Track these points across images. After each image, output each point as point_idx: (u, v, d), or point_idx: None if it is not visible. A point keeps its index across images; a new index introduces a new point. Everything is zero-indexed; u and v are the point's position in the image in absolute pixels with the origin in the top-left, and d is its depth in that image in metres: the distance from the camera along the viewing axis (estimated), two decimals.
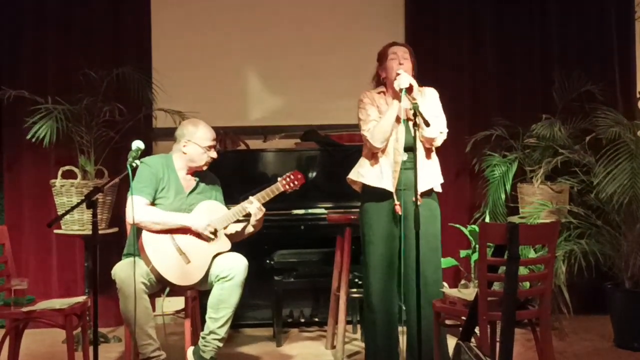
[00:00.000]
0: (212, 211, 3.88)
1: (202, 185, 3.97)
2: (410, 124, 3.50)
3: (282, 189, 3.95)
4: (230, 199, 4.04)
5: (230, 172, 4.94)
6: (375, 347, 3.82)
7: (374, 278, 3.78)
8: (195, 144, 3.88)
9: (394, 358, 3.81)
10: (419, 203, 3.53)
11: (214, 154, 3.93)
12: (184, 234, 3.82)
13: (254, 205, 3.88)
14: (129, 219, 3.75)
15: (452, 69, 5.36)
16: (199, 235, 3.82)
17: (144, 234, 3.77)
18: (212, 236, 3.82)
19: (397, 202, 3.68)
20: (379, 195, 3.74)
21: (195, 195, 3.93)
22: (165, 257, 3.76)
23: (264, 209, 3.91)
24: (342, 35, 5.49)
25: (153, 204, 3.83)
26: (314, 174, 5.09)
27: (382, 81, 3.86)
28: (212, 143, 3.92)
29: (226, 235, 3.91)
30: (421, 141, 3.72)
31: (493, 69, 5.42)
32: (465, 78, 5.40)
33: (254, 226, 3.94)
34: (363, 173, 3.79)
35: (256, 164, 5.14)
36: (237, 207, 3.91)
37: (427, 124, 3.46)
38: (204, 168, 3.95)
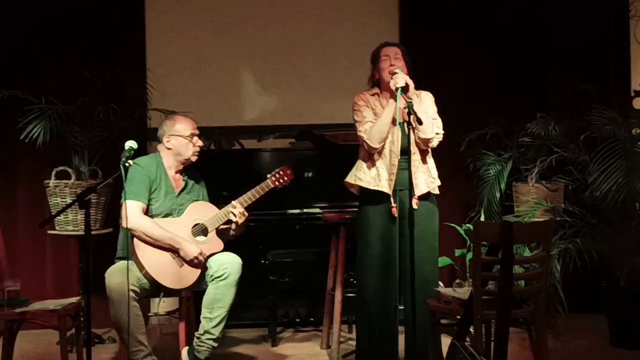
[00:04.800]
0: (202, 212, 3.88)
1: (190, 184, 3.97)
2: (406, 125, 3.50)
3: (271, 186, 3.95)
4: (224, 199, 4.03)
5: (225, 172, 4.94)
6: (369, 346, 3.81)
7: (370, 278, 3.77)
8: (177, 135, 3.88)
9: (390, 357, 3.81)
10: (415, 207, 3.54)
11: (199, 142, 3.94)
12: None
13: (236, 210, 3.87)
14: (124, 224, 3.74)
15: (446, 68, 5.36)
16: (192, 236, 3.82)
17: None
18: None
19: (393, 205, 3.68)
20: (377, 197, 3.74)
21: (184, 194, 3.93)
22: (158, 260, 3.74)
23: (246, 214, 3.90)
24: (337, 35, 5.48)
25: (147, 205, 3.82)
26: (309, 173, 5.08)
27: (376, 82, 3.86)
28: (193, 131, 3.93)
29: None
30: (417, 143, 3.72)
31: (488, 67, 5.42)
32: (460, 77, 5.40)
33: (235, 230, 3.93)
34: (360, 176, 3.79)
35: (251, 163, 5.13)
36: (226, 208, 3.89)
37: (420, 122, 3.46)
38: (193, 159, 3.93)
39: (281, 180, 3.97)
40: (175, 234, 3.77)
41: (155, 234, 3.74)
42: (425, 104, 3.78)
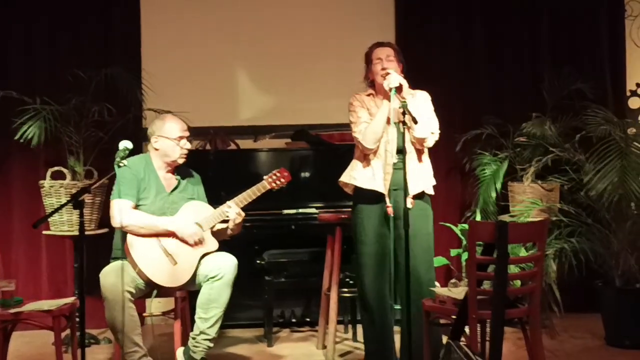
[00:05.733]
0: (197, 212, 3.87)
1: (183, 183, 3.96)
2: (401, 125, 3.50)
3: (268, 187, 3.94)
4: (220, 200, 4.02)
5: (221, 172, 4.93)
6: (374, 346, 3.81)
7: (367, 278, 3.77)
8: (165, 137, 3.87)
9: (389, 357, 3.81)
10: (410, 206, 3.53)
11: (187, 145, 3.92)
12: (170, 235, 3.80)
13: (232, 210, 3.86)
14: (114, 223, 3.73)
15: (442, 67, 5.36)
16: None
17: (129, 236, 3.75)
18: (198, 244, 3.80)
19: (388, 205, 3.67)
20: (372, 197, 3.73)
21: (177, 193, 3.91)
22: (152, 259, 3.74)
23: (243, 214, 3.89)
24: (333, 35, 5.47)
25: (137, 205, 3.81)
26: (305, 173, 5.08)
27: (371, 82, 3.85)
28: (182, 134, 3.90)
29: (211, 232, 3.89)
30: (412, 142, 3.72)
31: (483, 67, 5.42)
32: (456, 77, 5.39)
33: (232, 229, 3.92)
34: (355, 175, 3.79)
35: (247, 164, 5.12)
36: (221, 208, 3.89)
37: (415, 122, 3.46)
38: (180, 162, 3.92)
39: (278, 182, 3.96)
40: (167, 218, 3.78)
41: (148, 223, 3.74)
42: (420, 103, 3.77)
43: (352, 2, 5.55)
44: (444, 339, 3.75)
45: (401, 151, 3.57)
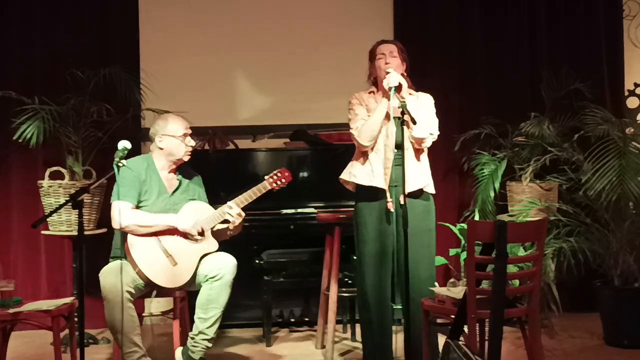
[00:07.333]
0: (198, 211, 3.87)
1: (185, 183, 3.96)
2: (399, 122, 3.50)
3: (269, 187, 3.94)
4: (218, 199, 4.03)
5: (219, 172, 4.93)
6: (373, 346, 3.81)
7: (368, 277, 3.77)
8: (169, 135, 3.88)
9: (389, 356, 3.81)
10: (402, 202, 3.53)
11: (191, 142, 3.93)
12: (171, 235, 3.80)
13: (233, 211, 3.86)
14: (114, 225, 3.74)
15: (440, 67, 5.37)
16: (185, 236, 3.81)
17: (130, 237, 3.75)
18: (198, 237, 3.81)
19: (389, 200, 3.66)
20: (372, 193, 3.73)
21: (179, 194, 3.91)
22: (152, 259, 3.73)
23: (243, 214, 3.89)
24: (331, 34, 5.48)
25: (137, 206, 3.81)
26: (304, 173, 5.08)
27: (373, 80, 3.86)
28: (186, 131, 3.92)
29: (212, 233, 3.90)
30: (411, 142, 3.72)
31: (482, 67, 5.43)
32: (454, 76, 5.40)
33: (231, 230, 3.93)
34: (355, 173, 3.79)
35: (245, 163, 5.12)
36: (222, 208, 3.89)
37: (414, 122, 3.46)
38: (185, 159, 3.93)
39: (279, 182, 3.97)
40: (167, 215, 3.78)
41: (147, 221, 3.74)
42: (423, 104, 3.77)
43: (350, 3, 5.55)
44: (441, 339, 3.76)
45: (400, 146, 3.58)
